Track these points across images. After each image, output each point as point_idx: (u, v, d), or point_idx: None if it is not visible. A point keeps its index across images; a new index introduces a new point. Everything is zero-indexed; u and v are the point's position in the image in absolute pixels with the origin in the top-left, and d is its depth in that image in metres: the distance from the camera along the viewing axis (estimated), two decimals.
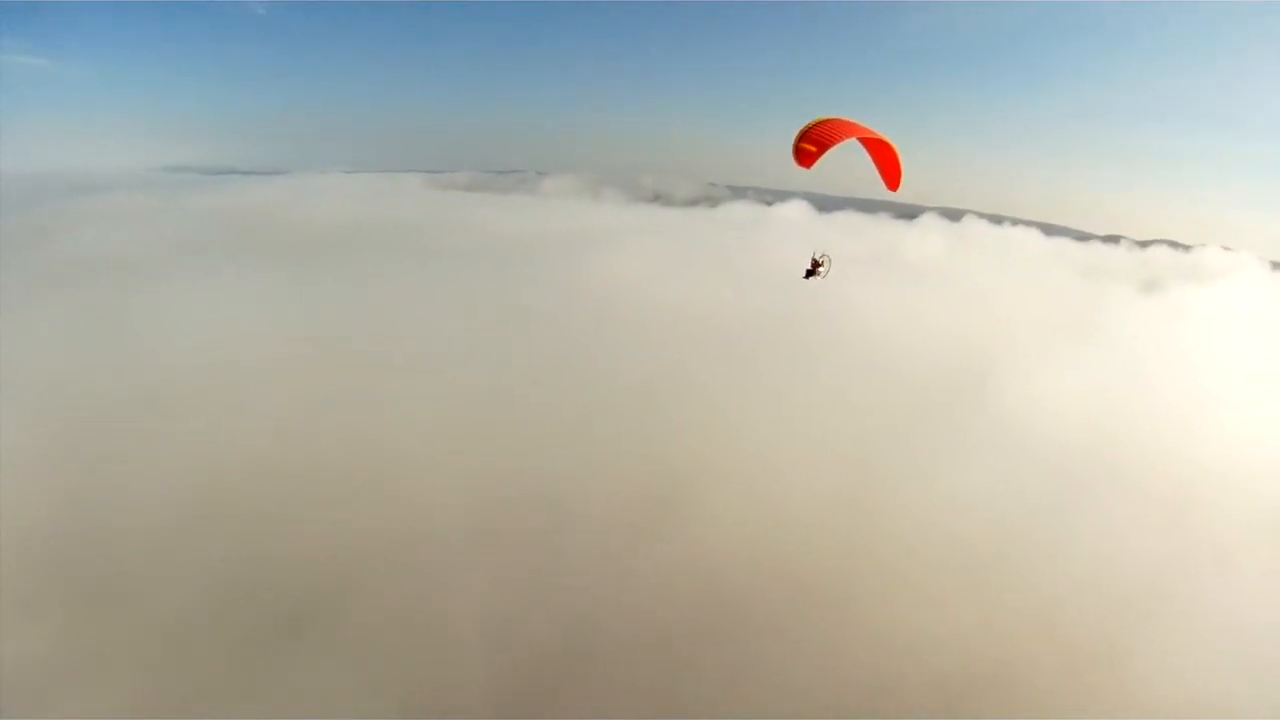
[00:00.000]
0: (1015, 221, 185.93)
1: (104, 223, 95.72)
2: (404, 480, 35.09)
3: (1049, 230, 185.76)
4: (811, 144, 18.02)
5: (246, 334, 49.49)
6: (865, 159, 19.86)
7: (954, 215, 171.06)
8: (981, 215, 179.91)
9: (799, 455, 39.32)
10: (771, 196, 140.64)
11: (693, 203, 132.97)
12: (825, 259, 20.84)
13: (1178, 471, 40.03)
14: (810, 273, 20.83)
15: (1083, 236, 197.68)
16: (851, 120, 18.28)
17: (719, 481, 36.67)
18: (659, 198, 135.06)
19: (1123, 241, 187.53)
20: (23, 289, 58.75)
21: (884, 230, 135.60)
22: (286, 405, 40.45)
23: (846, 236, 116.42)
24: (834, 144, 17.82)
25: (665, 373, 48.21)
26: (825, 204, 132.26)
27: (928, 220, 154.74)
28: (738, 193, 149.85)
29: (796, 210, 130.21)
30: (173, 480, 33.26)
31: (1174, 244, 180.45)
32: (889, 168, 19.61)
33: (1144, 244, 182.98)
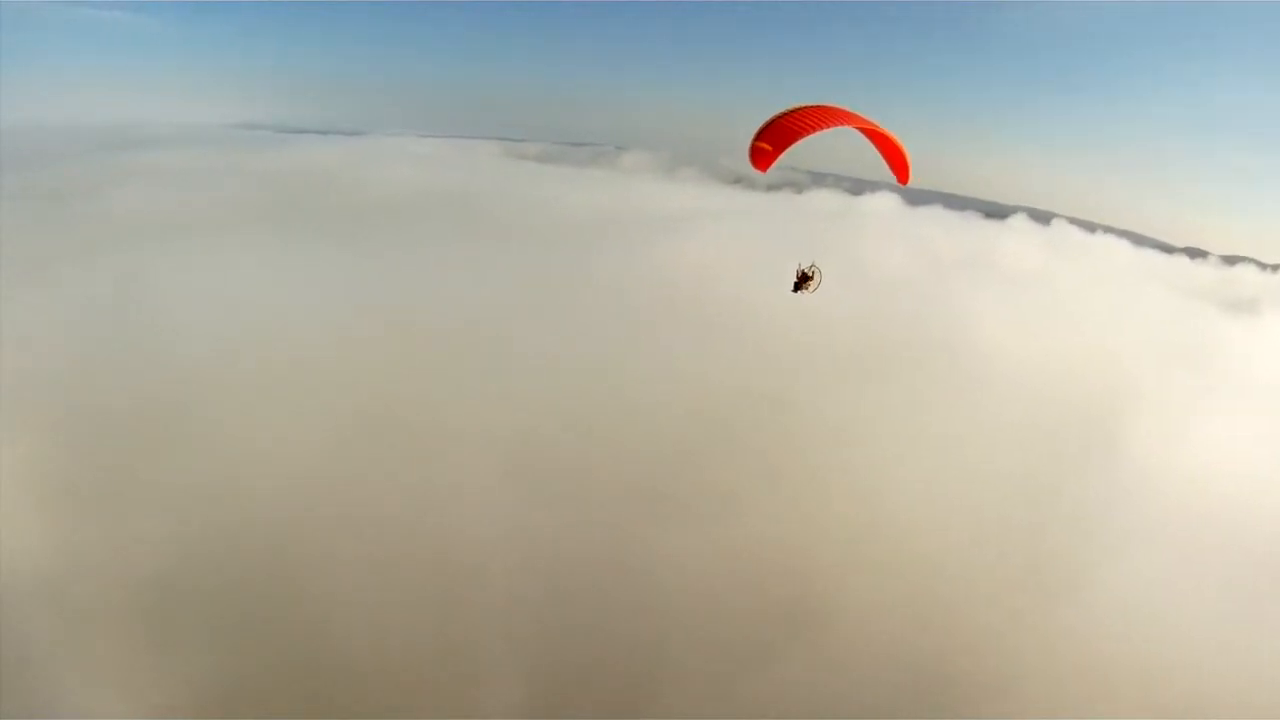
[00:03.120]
0: (1107, 229, 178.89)
1: (153, 180, 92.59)
2: (456, 552, 28.70)
3: (1138, 241, 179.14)
4: (767, 142, 15.65)
5: (288, 320, 45.08)
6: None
7: (1043, 218, 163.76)
8: (1072, 221, 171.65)
9: (939, 526, 33.31)
10: (857, 186, 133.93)
11: (775, 188, 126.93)
12: (816, 271, 18.58)
13: None
14: (798, 286, 18.58)
15: (1167, 248, 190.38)
16: (834, 106, 15.71)
17: (852, 568, 30.41)
18: (740, 180, 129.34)
19: (1209, 257, 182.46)
20: (45, 253, 54.80)
21: (974, 230, 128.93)
22: (324, 421, 35.28)
23: (939, 236, 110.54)
24: (796, 140, 15.58)
25: (766, 394, 42.40)
26: (914, 197, 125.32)
27: (1018, 223, 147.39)
28: (819, 179, 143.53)
29: (885, 203, 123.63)
30: (181, 518, 28.16)
31: (1260, 264, 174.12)
32: (894, 159, 17.42)
33: (1229, 260, 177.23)
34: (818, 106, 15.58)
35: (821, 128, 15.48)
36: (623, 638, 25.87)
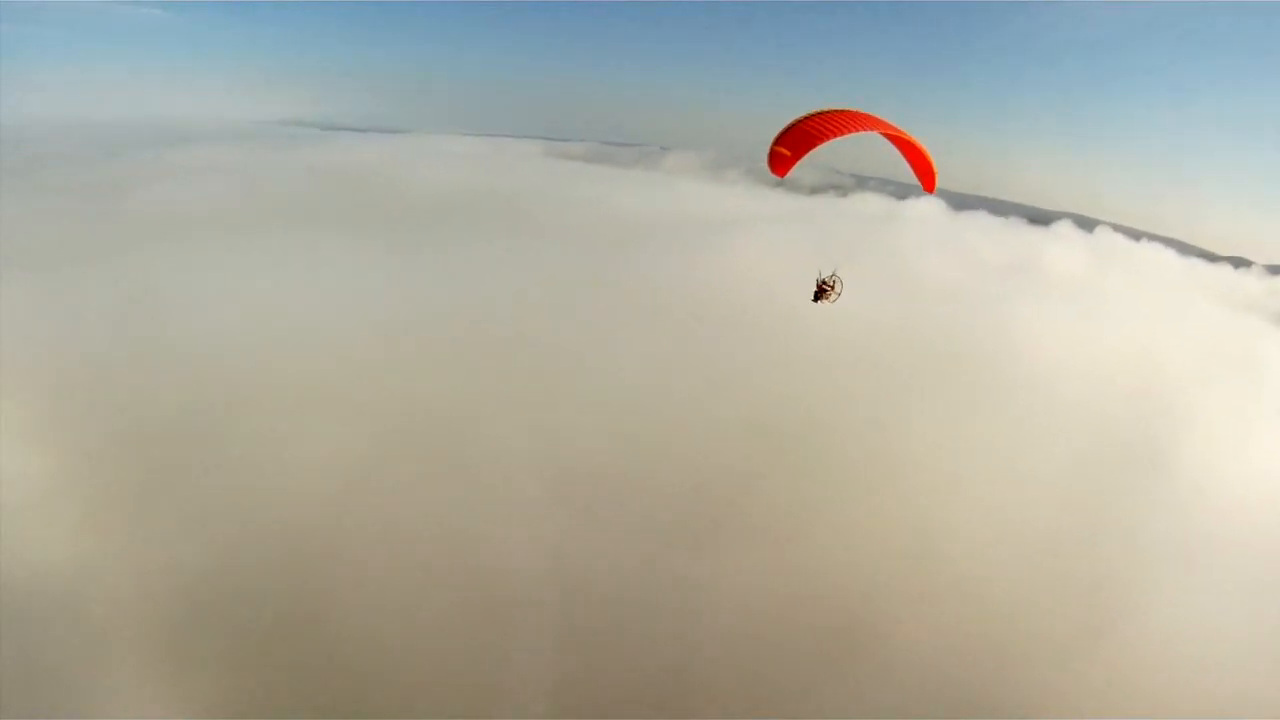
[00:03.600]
0: (1151, 238, 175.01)
1: (192, 177, 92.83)
2: (493, 566, 27.22)
3: (1182, 250, 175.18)
4: (786, 147, 15.28)
5: (324, 323, 44.15)
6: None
7: (1087, 225, 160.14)
8: (1117, 228, 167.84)
9: (991, 542, 32.26)
10: (901, 189, 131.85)
11: (819, 190, 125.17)
12: (836, 280, 18.08)
13: None
14: (819, 295, 18.19)
15: (1211, 257, 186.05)
16: (856, 111, 15.21)
17: (904, 584, 29.15)
18: (783, 183, 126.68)
19: (1253, 267, 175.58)
20: (78, 251, 54.59)
21: (1019, 236, 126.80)
22: (359, 429, 34.04)
23: (984, 242, 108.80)
24: (815, 146, 15.15)
25: (814, 407, 41.04)
26: (958, 202, 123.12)
27: (1063, 229, 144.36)
28: (863, 182, 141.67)
29: (929, 207, 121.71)
30: (211, 527, 27.25)
31: None
32: (919, 166, 16.88)
33: (1274, 270, 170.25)
34: (840, 110, 15.12)
35: (842, 133, 15.00)
36: (660, 656, 24.92)
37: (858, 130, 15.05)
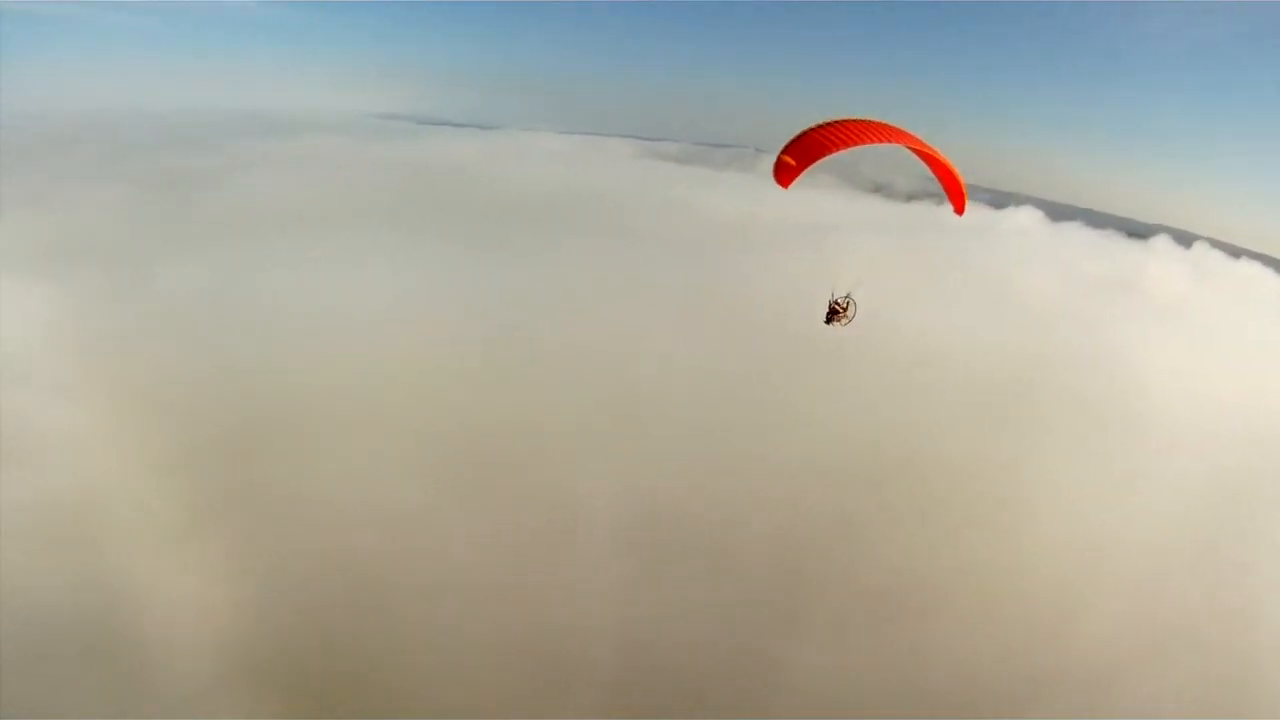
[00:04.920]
0: (1251, 255, 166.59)
1: (280, 169, 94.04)
2: (555, 618, 25.08)
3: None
4: (792, 157, 14.52)
5: (403, 330, 42.95)
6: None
7: (1185, 240, 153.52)
8: (1215, 244, 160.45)
9: (1125, 612, 29.84)
10: (998, 199, 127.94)
11: (915, 197, 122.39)
12: (850, 303, 17.33)
13: None
14: (830, 317, 17.45)
15: None
16: (875, 121, 14.37)
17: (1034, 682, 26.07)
18: (880, 189, 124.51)
19: None
20: (162, 243, 55.14)
21: (1117, 250, 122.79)
22: (429, 447, 32.50)
23: (1081, 257, 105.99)
24: (823, 156, 14.38)
25: (917, 438, 38.73)
26: (1056, 212, 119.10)
27: (1160, 244, 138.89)
28: None
29: (1026, 217, 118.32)
30: (272, 544, 26.25)
31: None
32: (948, 185, 16.09)
33: None
34: (856, 120, 14.41)
35: (854, 144, 14.31)
36: None
37: (873, 142, 14.51)
